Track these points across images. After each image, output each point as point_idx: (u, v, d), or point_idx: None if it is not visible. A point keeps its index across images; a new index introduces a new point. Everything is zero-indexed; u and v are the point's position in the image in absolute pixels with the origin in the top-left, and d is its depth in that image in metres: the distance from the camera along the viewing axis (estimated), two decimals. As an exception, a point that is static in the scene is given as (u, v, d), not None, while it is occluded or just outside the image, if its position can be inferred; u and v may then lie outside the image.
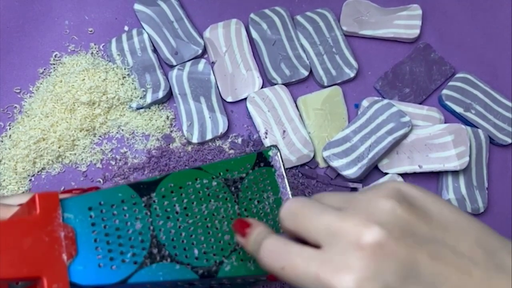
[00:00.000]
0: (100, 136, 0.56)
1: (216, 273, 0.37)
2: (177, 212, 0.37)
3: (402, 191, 0.29)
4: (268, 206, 0.42)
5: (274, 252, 0.30)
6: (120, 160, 0.55)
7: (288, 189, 0.42)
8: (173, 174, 0.38)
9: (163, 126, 0.56)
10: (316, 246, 0.28)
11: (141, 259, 0.35)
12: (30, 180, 0.54)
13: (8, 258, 0.29)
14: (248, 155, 0.42)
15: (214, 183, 0.40)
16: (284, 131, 0.56)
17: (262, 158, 0.42)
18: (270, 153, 0.42)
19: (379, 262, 0.26)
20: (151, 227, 0.36)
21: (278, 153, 0.42)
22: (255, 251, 0.32)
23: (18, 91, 0.57)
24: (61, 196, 0.34)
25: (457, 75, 0.60)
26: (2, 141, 0.55)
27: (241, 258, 0.39)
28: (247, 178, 0.41)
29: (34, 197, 0.32)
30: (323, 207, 0.29)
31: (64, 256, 0.32)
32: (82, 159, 0.55)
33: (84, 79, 0.55)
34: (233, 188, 0.40)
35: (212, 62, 0.59)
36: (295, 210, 0.30)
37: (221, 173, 0.40)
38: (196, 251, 0.37)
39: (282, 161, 0.43)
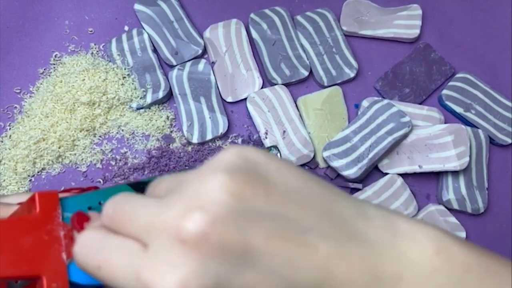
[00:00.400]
0: (100, 136, 0.56)
1: None
2: None
3: (240, 159, 0.25)
4: None
5: (90, 248, 0.26)
6: (120, 160, 0.55)
7: None
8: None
9: (163, 126, 0.57)
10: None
11: None
12: (30, 180, 0.54)
13: (8, 257, 0.30)
14: None
15: None
16: (284, 131, 0.56)
17: None
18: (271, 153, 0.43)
19: (205, 254, 0.22)
20: None
21: (278, 154, 0.42)
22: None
23: (18, 91, 0.57)
24: (61, 195, 0.34)
25: (457, 75, 0.60)
26: (2, 141, 0.55)
27: None
28: None
29: (34, 196, 0.32)
30: (144, 199, 0.26)
31: (64, 255, 0.32)
32: (82, 159, 0.55)
33: (84, 79, 0.55)
34: None
35: (212, 62, 0.59)
36: (111, 213, 0.26)
37: None
38: None
39: None
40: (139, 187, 0.37)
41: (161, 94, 0.57)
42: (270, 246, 0.23)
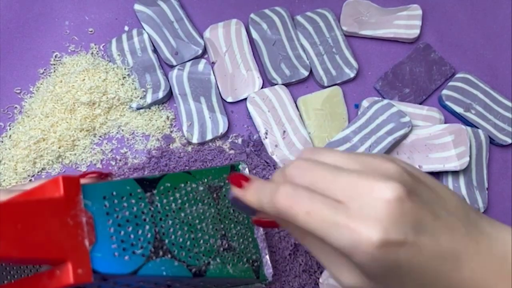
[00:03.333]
0: (100, 136, 0.56)
1: (205, 272, 0.38)
2: (173, 211, 0.39)
3: (399, 161, 0.32)
4: (241, 215, 0.44)
5: (297, 197, 0.30)
6: (120, 160, 0.55)
7: None
8: (169, 175, 0.39)
9: (163, 126, 0.57)
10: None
11: (148, 253, 0.35)
12: (30, 180, 0.54)
13: (38, 238, 0.29)
14: (224, 166, 0.44)
15: (201, 188, 0.41)
16: (284, 131, 0.56)
17: (234, 170, 0.44)
18: (240, 167, 0.45)
19: (401, 214, 0.29)
20: (154, 223, 0.37)
21: (247, 169, 0.46)
22: (262, 198, 0.32)
23: (18, 91, 0.57)
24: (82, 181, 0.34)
25: (457, 75, 0.60)
26: (2, 141, 0.55)
27: (223, 261, 0.40)
28: (224, 187, 0.43)
29: (57, 179, 0.31)
30: (336, 167, 0.31)
31: (86, 242, 0.31)
32: (82, 159, 0.55)
33: (84, 79, 0.55)
34: (214, 195, 0.42)
35: (212, 62, 0.59)
36: (307, 167, 0.32)
37: (206, 180, 0.42)
38: (189, 250, 0.38)
39: None
40: (142, 183, 0.37)
41: (161, 94, 0.57)
42: (434, 222, 0.30)
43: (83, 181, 0.37)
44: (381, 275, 0.30)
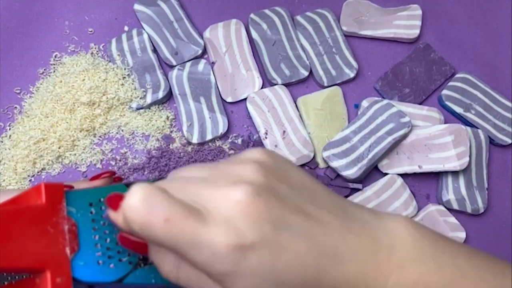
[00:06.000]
0: (100, 137, 0.56)
1: None
2: None
3: (263, 156, 0.31)
4: None
5: (155, 200, 0.27)
6: (120, 160, 0.55)
7: None
8: (163, 178, 0.39)
9: (163, 126, 0.57)
10: None
11: (136, 260, 0.35)
12: (30, 180, 0.54)
13: (14, 247, 0.28)
14: None
15: None
16: (284, 131, 0.56)
17: None
18: None
19: (253, 213, 0.27)
20: None
21: None
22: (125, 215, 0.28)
23: (18, 91, 0.57)
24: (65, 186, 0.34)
25: (457, 75, 0.60)
26: (2, 142, 0.55)
27: None
28: None
29: (40, 187, 0.31)
30: (186, 179, 0.30)
31: (68, 250, 0.31)
32: (82, 159, 0.55)
33: (84, 79, 0.55)
34: None
35: (212, 62, 0.59)
36: (161, 187, 0.29)
37: None
38: None
39: None
40: None
41: (161, 94, 0.57)
42: (299, 217, 0.29)
43: (85, 185, 0.37)
44: (250, 283, 0.28)
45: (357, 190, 0.55)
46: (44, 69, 0.58)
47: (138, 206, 0.27)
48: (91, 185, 0.38)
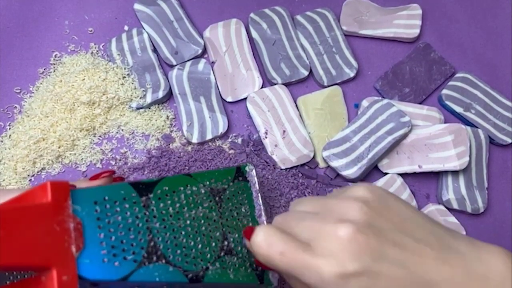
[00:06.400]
0: (100, 136, 0.56)
1: (203, 278, 0.38)
2: (170, 215, 0.38)
3: (367, 193, 0.36)
4: (245, 219, 0.43)
5: (273, 238, 0.35)
6: (120, 160, 0.55)
7: (262, 205, 0.43)
8: (167, 178, 0.39)
9: (163, 126, 0.57)
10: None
11: (140, 258, 0.35)
12: (30, 180, 0.54)
13: (21, 245, 0.28)
14: (230, 168, 0.43)
15: (202, 191, 0.41)
16: (284, 131, 0.56)
17: (240, 172, 0.44)
18: (247, 168, 0.45)
19: (354, 248, 0.32)
20: (149, 227, 0.36)
21: (254, 170, 0.45)
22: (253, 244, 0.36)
23: (18, 91, 0.57)
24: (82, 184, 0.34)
25: (457, 75, 0.60)
26: (2, 141, 0.55)
27: (223, 266, 0.39)
28: (228, 190, 0.42)
29: (45, 185, 0.31)
30: (302, 214, 0.37)
31: (73, 248, 0.31)
32: (82, 159, 0.55)
33: (84, 79, 0.55)
34: (217, 198, 0.41)
35: (212, 62, 0.59)
36: (281, 220, 0.37)
37: (208, 182, 0.41)
38: (186, 255, 0.37)
39: (257, 178, 0.45)
40: (138, 187, 0.37)
41: (161, 94, 0.57)
42: (396, 249, 0.33)
43: (85, 184, 0.37)
44: None
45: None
46: (44, 69, 0.58)
47: (261, 243, 0.35)
48: (92, 184, 0.38)
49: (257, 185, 0.44)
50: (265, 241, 0.35)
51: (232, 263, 0.40)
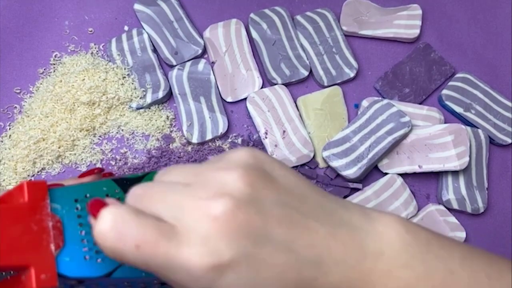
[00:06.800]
0: (100, 136, 0.56)
1: None
2: None
3: (251, 158, 0.30)
4: None
5: (125, 227, 0.27)
6: (120, 160, 0.55)
7: None
8: (153, 172, 0.38)
9: (163, 126, 0.57)
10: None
11: None
12: (30, 180, 0.54)
13: None
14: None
15: None
16: (284, 131, 0.56)
17: None
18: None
19: (233, 230, 0.26)
20: None
21: None
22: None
23: (18, 91, 0.57)
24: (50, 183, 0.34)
25: (457, 75, 0.60)
26: (2, 141, 0.55)
27: None
28: None
29: (22, 185, 0.31)
30: (169, 185, 0.29)
31: (52, 246, 0.31)
32: (82, 159, 0.55)
33: (84, 79, 0.55)
34: None
35: (212, 62, 0.59)
36: (140, 192, 0.29)
37: None
38: None
39: None
40: (123, 183, 0.37)
41: (161, 94, 0.57)
42: (282, 228, 0.28)
43: (73, 182, 0.37)
44: None
45: (357, 190, 0.55)
46: (44, 69, 0.58)
47: (108, 233, 0.27)
48: (79, 182, 0.38)
49: None
50: (113, 230, 0.27)
51: None
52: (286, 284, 0.28)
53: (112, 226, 0.27)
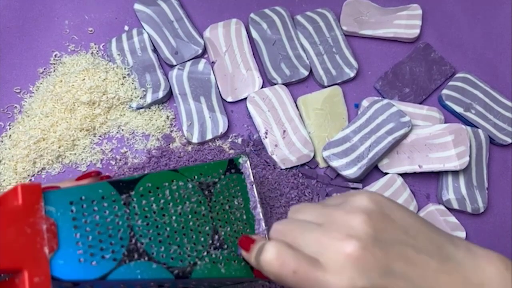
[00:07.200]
0: (100, 136, 0.56)
1: (190, 273, 0.38)
2: (154, 212, 0.38)
3: (372, 203, 0.36)
4: (238, 212, 0.43)
5: (285, 256, 0.35)
6: (120, 160, 0.55)
7: (257, 197, 0.43)
8: (151, 174, 0.39)
9: (163, 126, 0.56)
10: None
11: (120, 256, 0.34)
12: (30, 180, 0.54)
13: None
14: (221, 161, 0.43)
15: (189, 186, 0.40)
16: (284, 131, 0.56)
17: (233, 165, 0.44)
18: (240, 160, 0.44)
19: (362, 264, 0.33)
20: (130, 225, 0.36)
21: (248, 161, 0.44)
22: (258, 259, 0.36)
23: (18, 91, 0.57)
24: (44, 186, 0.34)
25: (457, 75, 0.60)
26: (2, 141, 0.55)
27: (213, 260, 0.39)
28: (219, 183, 0.42)
29: (16, 188, 0.31)
30: (304, 224, 0.36)
31: (46, 249, 0.31)
32: (82, 159, 0.55)
33: (84, 79, 0.55)
34: (206, 192, 0.41)
35: (212, 62, 0.59)
36: (281, 229, 0.37)
37: (196, 177, 0.41)
38: (171, 251, 0.37)
39: (252, 169, 0.44)
40: (119, 185, 0.37)
41: (161, 94, 0.57)
42: (402, 263, 0.34)
43: (70, 184, 0.37)
44: None
45: (357, 189, 0.55)
46: (44, 69, 0.58)
47: (273, 262, 0.35)
48: (76, 184, 0.38)
49: (251, 177, 0.44)
50: (278, 260, 0.35)
51: (224, 257, 0.40)
52: None
53: (277, 256, 0.35)
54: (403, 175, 0.56)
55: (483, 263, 0.35)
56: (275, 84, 0.58)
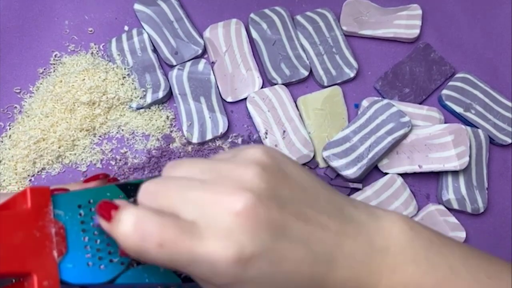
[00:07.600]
0: (100, 136, 0.56)
1: None
2: None
3: (266, 156, 0.30)
4: None
5: (147, 226, 0.27)
6: (120, 160, 0.55)
7: None
8: (157, 177, 0.38)
9: (163, 126, 0.57)
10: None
11: (128, 260, 0.34)
12: (30, 180, 0.54)
13: (0, 252, 0.29)
14: None
15: None
16: (284, 131, 0.56)
17: None
18: None
19: (254, 224, 0.27)
20: None
21: None
22: (119, 232, 0.28)
23: (18, 91, 0.57)
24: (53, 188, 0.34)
25: (457, 75, 0.60)
26: (2, 141, 0.55)
27: None
28: None
29: (25, 191, 0.31)
30: (184, 181, 0.29)
31: (55, 253, 0.31)
32: (82, 159, 0.55)
33: (84, 79, 0.55)
34: None
35: (212, 62, 0.59)
36: (153, 189, 0.29)
37: None
38: None
39: None
40: (127, 188, 0.37)
41: (161, 94, 0.57)
42: (299, 224, 0.29)
43: (78, 187, 0.37)
44: None
45: (357, 189, 0.55)
46: (44, 69, 0.58)
47: (131, 234, 0.27)
48: (84, 187, 0.38)
49: None
50: (136, 231, 0.27)
51: None
52: (301, 278, 0.29)
53: (134, 227, 0.27)
54: (403, 175, 0.56)
55: (386, 225, 0.32)
56: (275, 84, 0.58)
